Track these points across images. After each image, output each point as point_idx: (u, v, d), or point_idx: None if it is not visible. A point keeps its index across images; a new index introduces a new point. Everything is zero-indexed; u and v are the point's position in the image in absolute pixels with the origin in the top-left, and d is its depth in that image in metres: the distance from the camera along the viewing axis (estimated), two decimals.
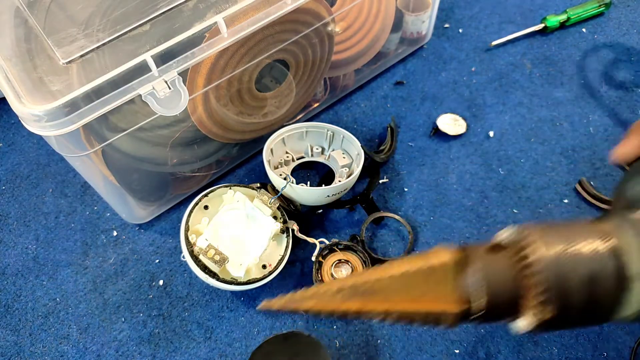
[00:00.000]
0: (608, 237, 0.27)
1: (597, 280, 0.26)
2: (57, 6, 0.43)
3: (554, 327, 0.28)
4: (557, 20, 0.68)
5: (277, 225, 0.50)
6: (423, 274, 0.28)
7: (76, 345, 0.49)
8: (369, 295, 0.28)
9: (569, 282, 0.26)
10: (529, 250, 0.27)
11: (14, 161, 0.63)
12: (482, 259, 0.28)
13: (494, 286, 0.27)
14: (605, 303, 0.27)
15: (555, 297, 0.26)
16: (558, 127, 0.61)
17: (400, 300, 0.28)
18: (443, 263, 0.28)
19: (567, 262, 0.27)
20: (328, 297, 0.29)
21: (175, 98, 0.42)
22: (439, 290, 0.28)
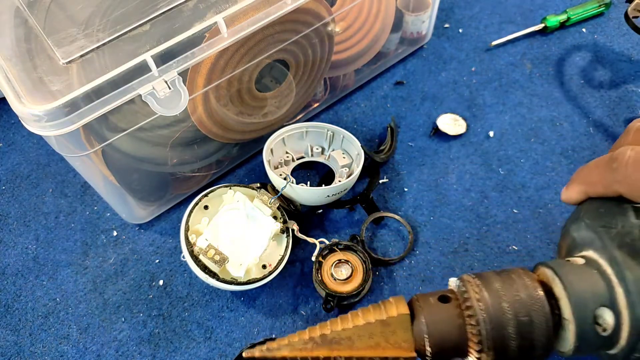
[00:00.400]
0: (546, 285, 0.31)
1: (533, 325, 0.30)
2: (57, 6, 0.43)
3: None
4: (557, 20, 0.68)
5: (277, 225, 0.50)
6: (382, 324, 0.32)
7: (76, 345, 0.49)
8: (336, 343, 0.33)
9: (505, 329, 0.30)
10: (469, 302, 0.31)
11: (14, 161, 0.63)
12: (431, 309, 0.32)
13: (439, 334, 0.31)
14: (541, 344, 0.30)
15: (492, 344, 0.30)
16: (558, 127, 0.61)
17: (363, 347, 0.32)
18: (400, 313, 0.32)
19: (504, 311, 0.30)
20: (300, 346, 0.33)
21: (175, 98, 0.42)
22: (396, 337, 0.32)
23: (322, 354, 0.33)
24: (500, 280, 0.32)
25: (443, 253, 0.52)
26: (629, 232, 0.29)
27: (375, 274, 0.52)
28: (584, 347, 0.30)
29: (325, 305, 0.47)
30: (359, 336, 0.33)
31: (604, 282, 0.29)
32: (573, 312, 0.29)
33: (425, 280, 0.51)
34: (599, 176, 0.32)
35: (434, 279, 0.51)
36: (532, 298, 0.30)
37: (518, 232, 0.53)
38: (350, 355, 0.33)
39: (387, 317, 0.32)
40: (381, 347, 0.32)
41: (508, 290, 0.31)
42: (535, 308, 0.30)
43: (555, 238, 0.52)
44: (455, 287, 0.33)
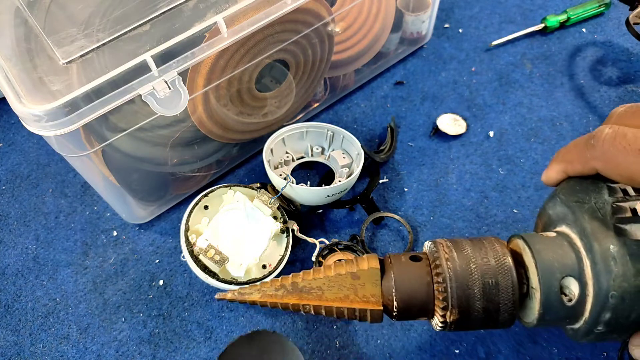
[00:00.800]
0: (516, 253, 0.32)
1: (499, 288, 0.30)
2: (57, 6, 0.43)
3: (461, 327, 0.32)
4: (557, 20, 0.68)
5: (277, 225, 0.50)
6: (352, 276, 0.33)
7: (76, 345, 0.49)
8: (306, 292, 0.33)
9: (471, 289, 0.31)
10: (438, 261, 0.32)
11: (14, 161, 0.63)
12: (400, 267, 0.33)
13: (406, 290, 0.32)
14: (506, 308, 0.31)
15: (457, 302, 0.31)
16: (558, 127, 0.61)
17: (332, 298, 0.33)
18: (370, 267, 0.33)
19: (472, 272, 0.31)
20: (271, 292, 0.34)
21: (175, 98, 0.42)
22: (365, 290, 0.33)
23: (292, 302, 0.33)
24: (472, 245, 0.32)
25: None
26: (601, 207, 0.30)
27: None
28: (548, 317, 0.30)
29: None
30: (329, 287, 0.33)
31: (572, 253, 0.30)
32: (540, 279, 0.30)
33: None
34: (577, 154, 0.32)
35: None
36: (500, 263, 0.31)
37: (518, 232, 0.53)
38: (319, 305, 0.33)
39: (358, 270, 0.33)
40: (349, 300, 0.33)
41: (477, 254, 0.32)
42: (502, 272, 0.31)
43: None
44: (427, 249, 0.34)
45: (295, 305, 0.34)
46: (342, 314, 0.33)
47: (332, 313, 0.33)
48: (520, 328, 0.47)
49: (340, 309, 0.33)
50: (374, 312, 0.33)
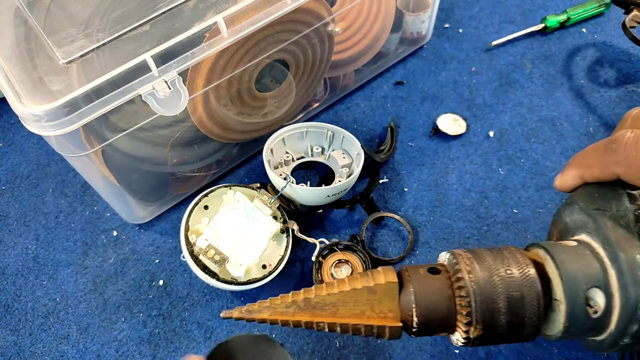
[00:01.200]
0: (537, 263, 0.30)
1: (524, 301, 0.29)
2: (57, 6, 0.43)
3: (484, 343, 0.30)
4: (557, 20, 0.68)
5: (277, 225, 0.50)
6: (369, 291, 0.31)
7: (76, 345, 0.49)
8: (319, 309, 0.31)
9: (496, 303, 0.29)
10: (460, 274, 0.30)
11: (14, 161, 0.63)
12: (420, 279, 0.31)
13: (427, 305, 0.30)
14: (531, 321, 0.29)
15: (481, 318, 0.29)
16: (558, 127, 0.61)
17: (347, 314, 0.31)
18: (388, 282, 0.31)
19: (495, 285, 0.29)
20: (282, 309, 0.32)
21: (175, 98, 0.42)
22: (382, 306, 0.31)
23: (305, 319, 0.31)
24: (492, 255, 0.31)
25: None
26: (623, 215, 0.29)
27: None
28: (573, 329, 0.29)
29: None
30: (344, 303, 0.31)
31: (597, 263, 0.29)
32: (564, 291, 0.29)
33: None
34: (596, 158, 0.31)
35: None
36: (524, 275, 0.29)
37: (518, 232, 0.53)
38: (334, 322, 0.31)
39: (375, 285, 0.31)
40: (366, 316, 0.31)
41: (500, 265, 0.30)
42: (527, 285, 0.29)
43: None
44: (446, 260, 0.32)
45: (309, 322, 0.31)
46: (358, 331, 0.31)
47: (347, 330, 0.31)
48: None
49: (356, 326, 0.31)
50: (393, 329, 0.31)
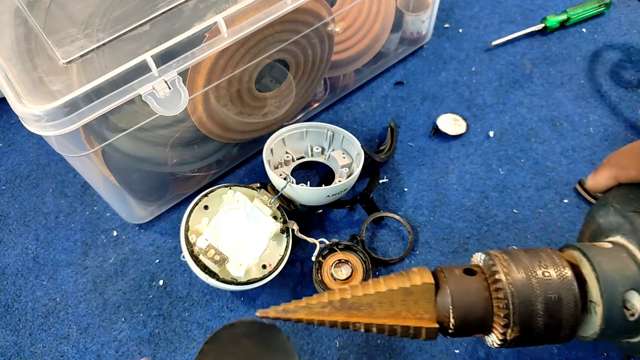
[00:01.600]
0: (573, 265, 0.30)
1: (562, 303, 0.29)
2: (57, 6, 0.43)
3: (520, 344, 0.30)
4: (557, 20, 0.68)
5: (277, 225, 0.50)
6: (405, 292, 0.31)
7: (76, 345, 0.49)
8: (355, 309, 0.31)
9: (534, 305, 0.29)
10: (497, 276, 0.30)
11: (14, 161, 0.63)
12: (456, 280, 0.31)
13: (464, 306, 0.30)
14: (568, 324, 0.29)
15: (519, 320, 0.29)
16: (558, 127, 0.61)
17: (383, 315, 0.31)
18: (424, 283, 0.31)
19: (533, 287, 0.29)
20: (318, 309, 0.32)
21: (175, 98, 0.42)
22: (418, 307, 0.31)
23: (341, 319, 0.31)
24: (528, 257, 0.31)
25: (443, 253, 0.52)
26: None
27: (376, 274, 0.51)
28: (609, 332, 0.29)
29: None
30: (380, 303, 0.31)
31: (634, 266, 0.29)
32: (602, 294, 0.28)
33: None
34: (633, 159, 0.31)
35: None
36: (561, 276, 0.29)
37: (518, 232, 0.53)
38: (370, 322, 0.31)
39: (411, 286, 0.31)
40: (402, 317, 0.31)
41: (537, 267, 0.30)
42: (564, 286, 0.29)
43: (556, 238, 0.52)
44: (481, 261, 0.32)
45: (345, 323, 0.31)
46: (394, 331, 0.31)
47: (384, 331, 0.31)
48: None
49: (392, 327, 0.31)
50: (430, 330, 0.31)
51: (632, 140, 0.58)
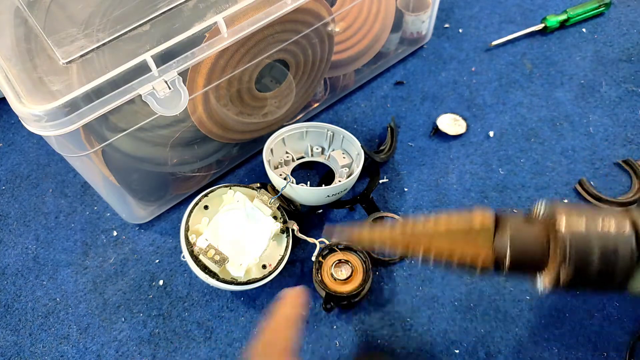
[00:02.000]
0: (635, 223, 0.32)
1: (617, 253, 0.31)
2: (57, 6, 0.43)
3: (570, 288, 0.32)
4: (557, 20, 0.68)
5: (277, 225, 0.50)
6: (465, 228, 0.34)
7: (76, 345, 0.49)
8: (417, 237, 0.34)
9: (589, 250, 0.31)
10: (557, 222, 0.32)
11: (14, 161, 0.63)
12: (515, 224, 0.33)
13: (521, 245, 0.32)
14: (622, 273, 0.31)
15: (573, 264, 0.31)
16: (558, 127, 0.61)
17: (442, 246, 0.34)
18: (485, 219, 0.33)
19: (591, 235, 0.31)
20: (382, 233, 0.35)
21: (175, 98, 0.42)
22: (476, 244, 0.33)
23: (401, 245, 0.34)
24: (591, 209, 0.33)
25: None
26: None
27: (376, 274, 0.51)
28: None
29: (325, 305, 0.47)
30: (440, 236, 0.34)
31: None
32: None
33: (425, 280, 0.51)
34: None
35: (434, 279, 0.51)
36: (621, 230, 0.31)
37: None
38: (429, 250, 0.34)
39: (472, 222, 0.33)
40: (460, 249, 0.33)
41: (598, 218, 0.32)
42: (622, 239, 0.31)
43: None
44: (543, 209, 0.34)
45: (405, 248, 0.34)
46: (451, 262, 0.34)
47: (441, 260, 0.34)
48: (520, 328, 0.47)
49: (450, 257, 0.34)
50: (485, 263, 0.33)
51: (632, 140, 0.58)
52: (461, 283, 0.50)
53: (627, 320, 0.47)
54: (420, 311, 0.49)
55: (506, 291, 0.50)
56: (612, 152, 0.58)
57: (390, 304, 0.50)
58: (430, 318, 0.49)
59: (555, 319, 0.48)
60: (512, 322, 0.48)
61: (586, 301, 0.48)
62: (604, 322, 0.47)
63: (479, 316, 0.48)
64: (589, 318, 0.48)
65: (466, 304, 0.49)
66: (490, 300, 0.49)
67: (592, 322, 0.47)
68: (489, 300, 0.49)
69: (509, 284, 0.50)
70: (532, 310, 0.48)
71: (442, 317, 0.49)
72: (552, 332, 0.47)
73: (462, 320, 0.48)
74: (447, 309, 0.49)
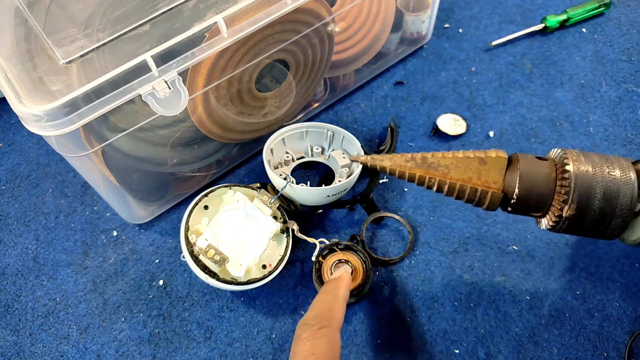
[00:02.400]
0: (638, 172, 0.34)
1: (619, 196, 0.33)
2: (57, 6, 0.43)
3: (572, 227, 0.34)
4: (557, 20, 0.68)
5: (277, 225, 0.50)
6: (479, 161, 0.36)
7: (76, 345, 0.49)
8: (433, 168, 0.37)
9: (592, 189, 0.33)
10: (566, 164, 0.34)
11: (14, 161, 0.63)
12: (527, 162, 0.35)
13: (529, 180, 0.35)
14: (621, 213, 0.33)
15: (577, 198, 0.33)
16: (558, 127, 0.61)
17: (456, 177, 0.36)
18: (498, 156, 0.36)
19: (596, 175, 0.33)
20: (401, 162, 0.38)
21: (175, 98, 0.42)
22: (489, 176, 0.36)
23: (419, 173, 0.37)
24: (599, 156, 0.35)
25: (443, 253, 0.52)
26: None
27: (376, 273, 0.52)
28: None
29: None
30: (456, 167, 0.36)
31: None
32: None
33: (425, 280, 0.51)
34: None
35: (434, 279, 0.51)
36: (625, 175, 0.33)
37: (518, 232, 0.53)
38: (444, 180, 0.37)
39: (486, 156, 0.36)
40: (472, 182, 0.36)
41: (605, 164, 0.34)
42: (624, 183, 0.33)
43: (556, 238, 0.52)
44: (556, 154, 0.36)
45: (422, 177, 0.37)
46: (463, 193, 0.36)
47: (453, 191, 0.36)
48: (520, 328, 0.47)
49: (462, 187, 0.36)
50: (494, 196, 0.35)
51: (632, 140, 0.58)
52: (461, 283, 0.50)
53: (627, 321, 0.47)
54: (420, 311, 0.49)
55: (506, 291, 0.50)
56: (612, 152, 0.58)
57: (390, 304, 0.50)
58: (430, 318, 0.49)
59: (555, 319, 0.48)
60: (512, 322, 0.48)
61: (586, 301, 0.49)
62: (604, 322, 0.47)
63: (479, 316, 0.48)
64: (589, 318, 0.48)
65: (466, 304, 0.49)
66: (490, 300, 0.49)
67: (592, 322, 0.47)
68: (489, 300, 0.49)
69: (509, 284, 0.50)
70: (532, 310, 0.48)
71: (442, 317, 0.49)
72: (552, 332, 0.47)
73: (462, 320, 0.48)
74: (447, 309, 0.49)
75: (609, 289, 0.49)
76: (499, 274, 0.51)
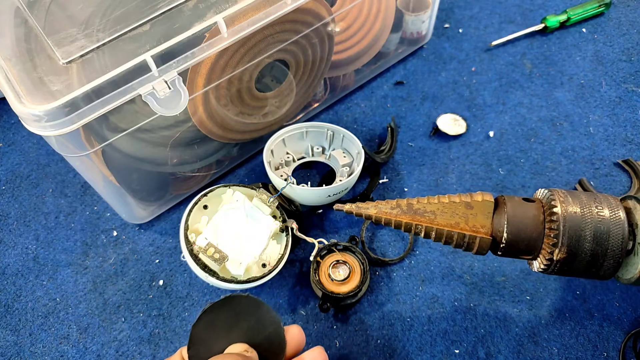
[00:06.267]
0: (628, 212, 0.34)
1: (609, 237, 0.32)
2: (57, 6, 0.43)
3: (564, 269, 0.33)
4: (557, 20, 0.68)
5: (276, 224, 0.50)
6: (466, 205, 0.35)
7: (76, 345, 0.49)
8: (420, 214, 0.36)
9: (582, 231, 0.32)
10: (554, 206, 0.33)
11: (14, 161, 0.63)
12: (514, 205, 0.35)
13: (517, 224, 0.34)
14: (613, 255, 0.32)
15: (567, 242, 0.32)
16: (558, 127, 0.61)
17: (443, 223, 0.35)
18: (484, 200, 0.35)
19: (585, 216, 0.33)
20: (387, 210, 0.37)
21: (175, 98, 0.42)
22: (476, 221, 0.35)
23: (405, 220, 0.36)
24: (586, 195, 0.34)
25: (443, 253, 0.52)
26: None
27: (375, 274, 0.52)
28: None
29: (322, 305, 0.47)
30: (442, 212, 0.35)
31: None
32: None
33: (425, 280, 0.51)
34: None
35: (434, 279, 0.51)
36: (614, 215, 0.33)
37: None
38: (431, 227, 0.35)
39: (472, 200, 0.35)
40: (460, 227, 0.35)
41: (592, 203, 0.33)
42: (614, 223, 0.32)
43: None
44: (542, 195, 0.36)
45: (408, 224, 0.36)
46: (451, 238, 0.35)
47: (442, 237, 0.35)
48: (520, 328, 0.47)
49: (450, 233, 0.35)
50: (483, 241, 0.34)
51: (632, 140, 0.58)
52: (461, 283, 0.50)
53: (626, 321, 0.47)
54: (420, 311, 0.49)
55: (506, 291, 0.50)
56: (612, 152, 0.58)
57: (390, 304, 0.50)
58: (430, 318, 0.49)
59: (555, 319, 0.48)
60: (512, 322, 0.48)
61: (586, 301, 0.48)
62: (604, 322, 0.47)
63: (479, 316, 0.48)
64: (589, 318, 0.48)
65: (466, 304, 0.49)
66: (490, 300, 0.49)
67: (592, 322, 0.47)
68: (489, 300, 0.49)
69: (509, 284, 0.50)
70: (532, 310, 0.48)
71: (442, 317, 0.49)
72: (552, 332, 0.47)
73: (462, 320, 0.48)
74: (447, 309, 0.49)
75: (608, 289, 0.49)
76: (499, 274, 0.51)
